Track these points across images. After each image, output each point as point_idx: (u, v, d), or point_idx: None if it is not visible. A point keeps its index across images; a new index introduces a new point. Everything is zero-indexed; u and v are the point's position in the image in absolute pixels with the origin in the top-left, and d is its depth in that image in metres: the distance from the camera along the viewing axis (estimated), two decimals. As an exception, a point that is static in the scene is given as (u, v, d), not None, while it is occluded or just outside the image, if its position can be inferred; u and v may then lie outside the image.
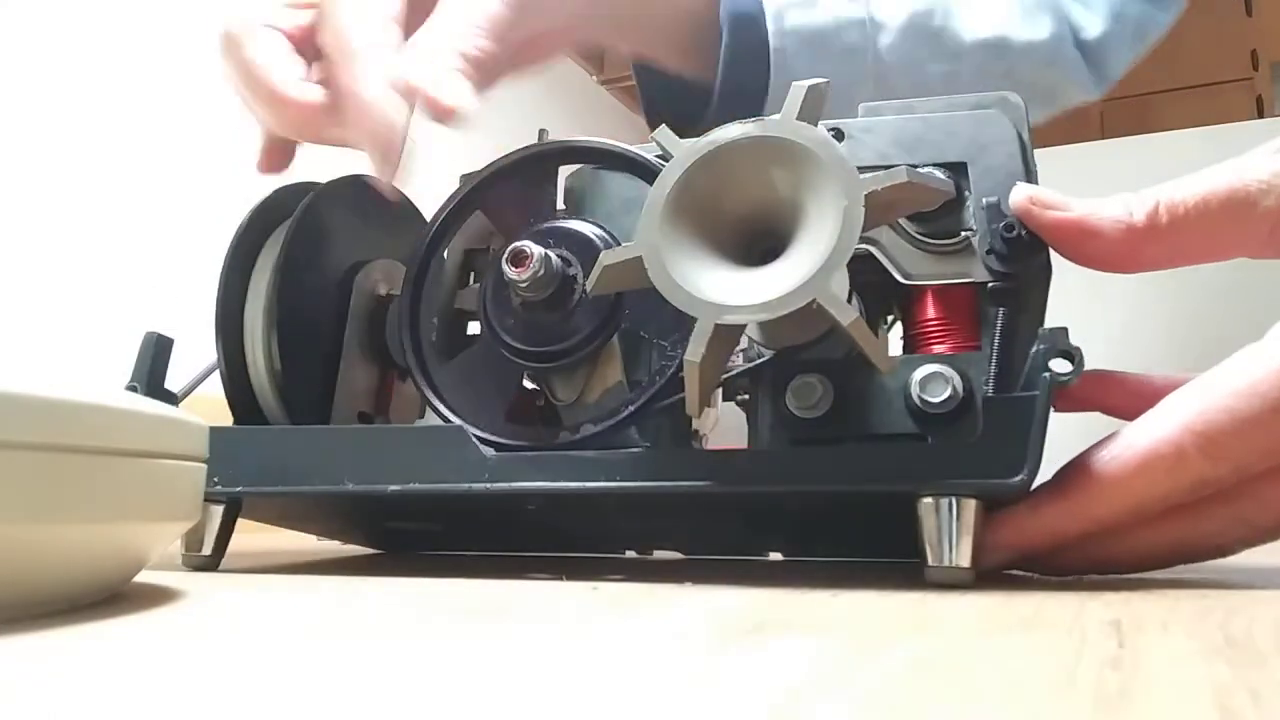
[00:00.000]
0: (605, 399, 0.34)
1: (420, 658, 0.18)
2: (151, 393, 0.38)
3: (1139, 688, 0.15)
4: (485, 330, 0.36)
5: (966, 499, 0.28)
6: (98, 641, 0.20)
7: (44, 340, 0.80)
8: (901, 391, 0.31)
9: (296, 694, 0.15)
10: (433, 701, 0.14)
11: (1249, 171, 0.29)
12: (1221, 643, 0.18)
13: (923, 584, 0.28)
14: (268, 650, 0.19)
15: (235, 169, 1.02)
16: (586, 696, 0.15)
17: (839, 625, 0.22)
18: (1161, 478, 0.27)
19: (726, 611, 0.24)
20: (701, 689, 0.15)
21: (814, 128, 0.29)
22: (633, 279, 0.30)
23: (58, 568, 0.23)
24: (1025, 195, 0.31)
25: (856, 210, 0.28)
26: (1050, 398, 0.28)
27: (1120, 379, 0.33)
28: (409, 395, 0.42)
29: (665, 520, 0.38)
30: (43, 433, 0.22)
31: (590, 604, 0.25)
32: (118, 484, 0.24)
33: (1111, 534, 0.29)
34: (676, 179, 0.30)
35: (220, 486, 0.35)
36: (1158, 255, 0.30)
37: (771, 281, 0.28)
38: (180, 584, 0.31)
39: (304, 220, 0.39)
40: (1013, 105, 0.34)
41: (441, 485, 0.33)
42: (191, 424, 0.27)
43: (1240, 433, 0.26)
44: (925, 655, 0.18)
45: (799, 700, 0.14)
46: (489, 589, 0.29)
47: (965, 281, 0.32)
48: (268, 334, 0.38)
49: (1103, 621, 0.21)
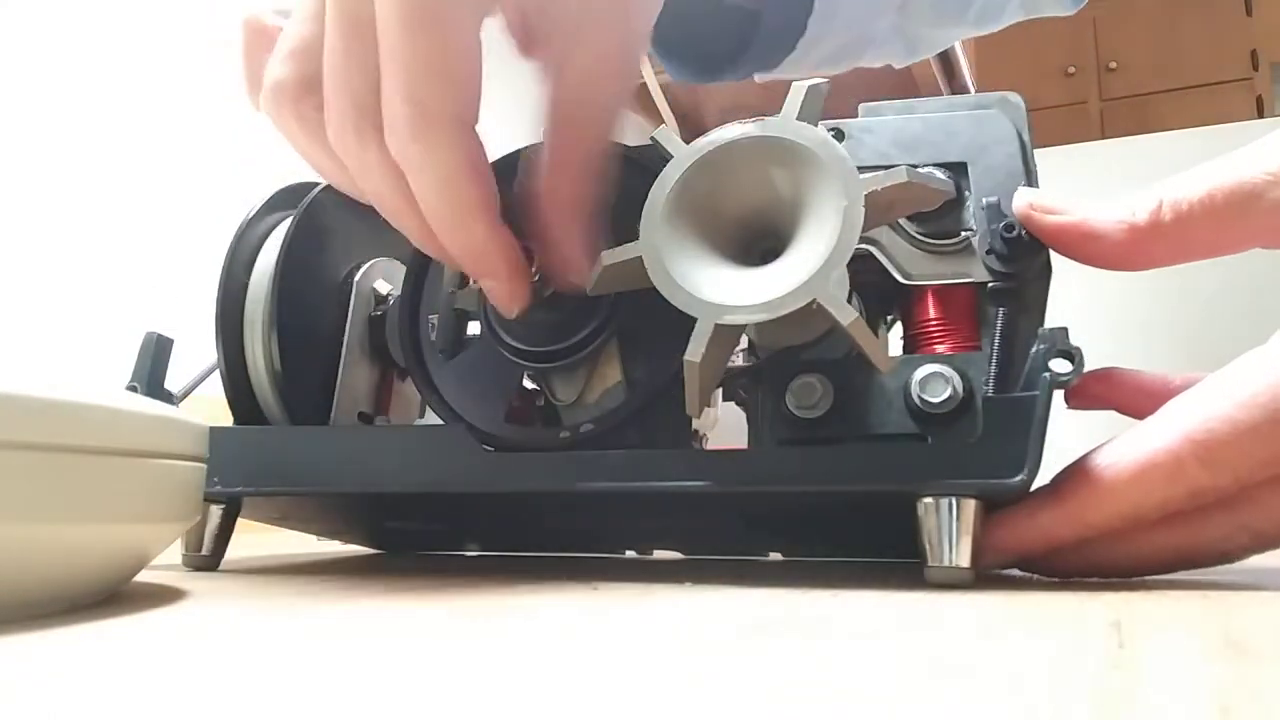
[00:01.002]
0: (605, 399, 0.34)
1: (420, 658, 0.18)
2: (151, 393, 0.38)
3: (1139, 688, 0.15)
4: (485, 330, 0.36)
5: (966, 499, 0.28)
6: (98, 641, 0.20)
7: (44, 340, 0.80)
8: (901, 391, 0.31)
9: (296, 694, 0.15)
10: (433, 702, 0.14)
11: (1254, 164, 0.29)
12: (1221, 643, 0.18)
13: (923, 584, 0.28)
14: (268, 650, 0.19)
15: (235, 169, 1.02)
16: (586, 696, 0.15)
17: (839, 625, 0.22)
18: (1158, 486, 0.27)
19: (726, 611, 0.24)
20: (701, 689, 0.15)
21: (814, 128, 0.29)
22: (633, 279, 0.30)
23: (58, 568, 0.23)
24: (1025, 201, 0.31)
25: (856, 210, 0.28)
26: (1050, 398, 0.28)
27: (1135, 378, 0.32)
28: (409, 395, 0.42)
29: (665, 520, 0.38)
30: (43, 433, 0.22)
31: (590, 604, 0.25)
32: (118, 484, 0.24)
33: (1110, 539, 0.29)
34: (676, 179, 0.30)
35: (220, 486, 0.35)
36: (1163, 252, 0.30)
37: (771, 281, 0.29)
38: (180, 584, 0.31)
39: (304, 220, 0.39)
40: (1013, 105, 0.34)
41: (441, 485, 0.33)
42: (191, 424, 0.27)
43: (1240, 443, 0.26)
44: (925, 655, 0.18)
45: (798, 700, 0.14)
46: (489, 589, 0.29)
47: (965, 281, 0.32)
48: (268, 334, 0.38)
49: (1103, 621, 0.21)
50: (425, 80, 0.29)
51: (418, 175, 0.30)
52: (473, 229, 0.31)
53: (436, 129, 0.29)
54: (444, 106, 0.29)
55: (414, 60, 0.29)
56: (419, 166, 0.30)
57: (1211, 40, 2.69)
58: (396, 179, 0.31)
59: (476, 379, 0.36)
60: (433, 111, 0.29)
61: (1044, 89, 2.70)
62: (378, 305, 0.41)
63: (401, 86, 0.29)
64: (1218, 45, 2.68)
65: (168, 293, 0.83)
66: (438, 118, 0.29)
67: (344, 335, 0.40)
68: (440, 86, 0.29)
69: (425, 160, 0.30)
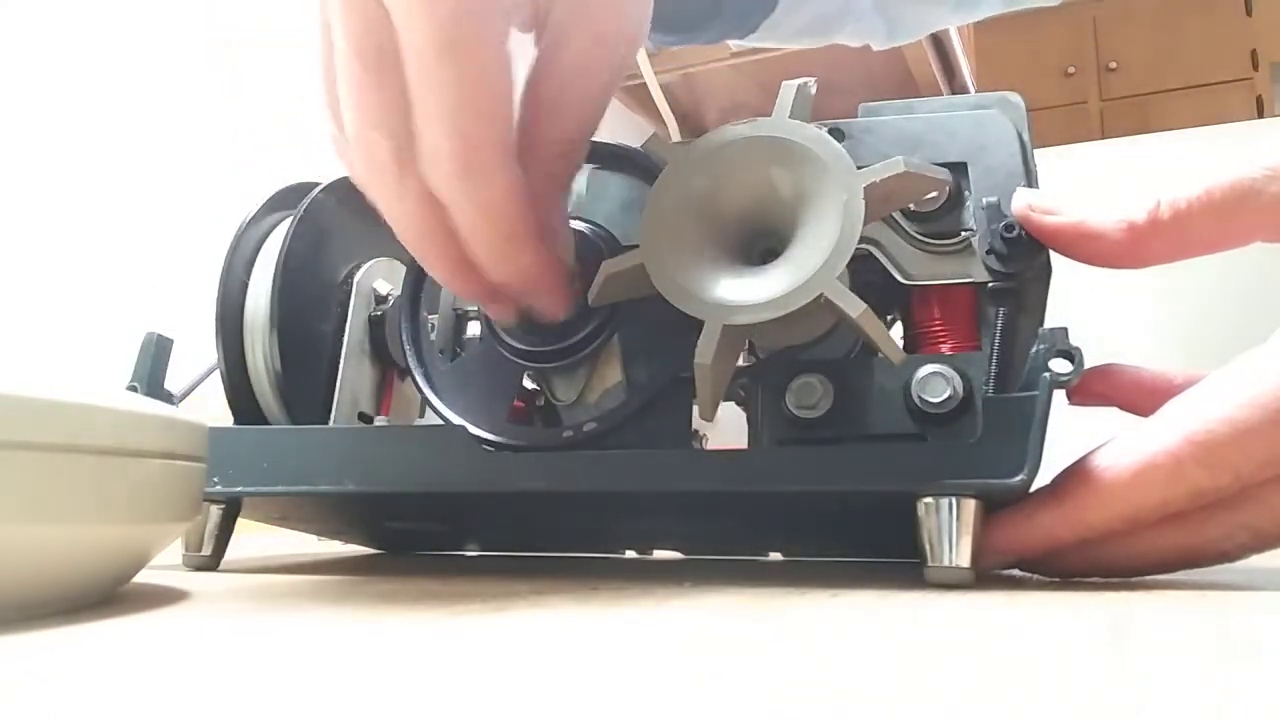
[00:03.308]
0: (605, 399, 0.34)
1: (420, 658, 0.18)
2: (151, 393, 0.38)
3: (1139, 688, 0.15)
4: (485, 330, 0.36)
5: (966, 499, 0.28)
6: (98, 641, 0.20)
7: (44, 340, 0.80)
8: (901, 391, 0.31)
9: (297, 694, 0.15)
10: (433, 702, 0.14)
11: (1251, 165, 0.29)
12: (1221, 643, 0.18)
13: (923, 584, 0.28)
14: (268, 650, 0.19)
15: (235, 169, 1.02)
16: (586, 697, 0.15)
17: (839, 625, 0.22)
18: (1158, 487, 0.27)
19: (726, 611, 0.24)
20: (702, 689, 0.15)
21: (808, 125, 0.29)
22: (637, 287, 0.30)
23: (58, 568, 0.23)
24: (1024, 202, 0.31)
25: (857, 203, 0.28)
26: (1050, 398, 0.28)
27: (1137, 376, 0.32)
28: (409, 395, 0.42)
29: (665, 520, 0.38)
30: (43, 433, 0.22)
31: (590, 604, 0.25)
32: (118, 484, 0.24)
33: (1110, 539, 0.29)
34: (675, 183, 0.30)
35: (220, 486, 0.35)
36: (1163, 249, 0.30)
37: (776, 280, 0.29)
38: (180, 584, 0.31)
39: (304, 220, 0.39)
40: (1013, 105, 0.34)
41: (442, 485, 0.33)
42: (191, 424, 0.27)
43: (1240, 444, 0.26)
44: (925, 655, 0.18)
45: (798, 700, 0.14)
46: (488, 589, 0.29)
47: (965, 281, 0.32)
48: (268, 334, 0.38)
49: (1103, 622, 0.21)
50: (468, 111, 0.27)
51: (463, 209, 0.28)
52: (520, 258, 0.30)
53: (481, 160, 0.27)
54: (489, 135, 0.27)
55: (452, 91, 0.27)
56: (464, 200, 0.28)
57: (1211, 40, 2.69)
58: (433, 210, 0.29)
59: (477, 379, 0.36)
60: (476, 143, 0.27)
61: (1044, 89, 2.70)
62: (378, 305, 0.41)
63: (442, 119, 0.27)
64: (1218, 45, 2.68)
65: (168, 293, 0.83)
66: (482, 149, 0.27)
67: (344, 335, 0.40)
68: (484, 116, 0.27)
69: (471, 193, 0.28)
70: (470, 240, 0.29)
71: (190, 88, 0.97)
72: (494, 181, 0.28)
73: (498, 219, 0.29)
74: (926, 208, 0.33)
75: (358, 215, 0.41)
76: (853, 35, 0.64)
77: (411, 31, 0.26)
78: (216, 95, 1.00)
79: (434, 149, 0.27)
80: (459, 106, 0.27)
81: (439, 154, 0.27)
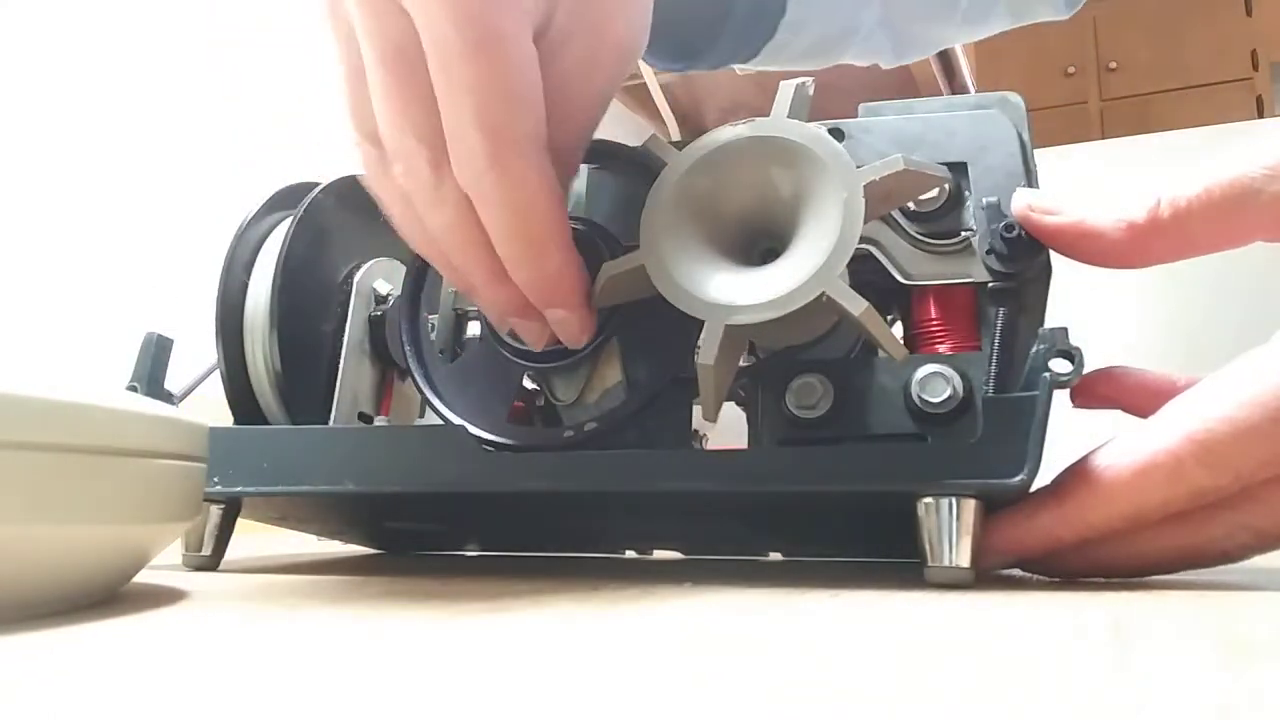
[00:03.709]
0: (605, 399, 0.34)
1: (419, 658, 0.18)
2: (151, 393, 0.38)
3: (1139, 689, 0.15)
4: (485, 330, 0.36)
5: (966, 499, 0.28)
6: (98, 641, 0.20)
7: (44, 340, 0.80)
8: (901, 391, 0.31)
9: (296, 694, 0.15)
10: (432, 702, 0.14)
11: (1250, 164, 0.29)
12: (1221, 643, 0.18)
13: (923, 584, 0.28)
14: (268, 650, 0.19)
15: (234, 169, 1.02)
16: (586, 697, 0.15)
17: (839, 625, 0.22)
18: (1158, 487, 0.27)
19: (726, 611, 0.24)
20: (702, 688, 0.15)
21: (807, 124, 0.30)
22: (638, 288, 0.30)
23: (58, 568, 0.23)
24: (1024, 202, 0.31)
25: (857, 201, 0.28)
26: (1050, 398, 0.28)
27: (1140, 378, 0.32)
28: (409, 395, 0.42)
29: (665, 520, 0.38)
30: (43, 433, 0.22)
31: (590, 604, 0.25)
32: (118, 484, 0.24)
33: (1111, 539, 0.29)
34: (674, 184, 0.30)
35: (220, 486, 0.35)
36: (1163, 249, 0.30)
37: (777, 279, 0.29)
38: (180, 584, 0.31)
39: (305, 220, 0.39)
40: (1013, 105, 0.34)
41: (441, 485, 0.33)
42: (191, 424, 0.27)
43: (1241, 443, 0.26)
44: (925, 655, 0.18)
45: (798, 700, 0.14)
46: (488, 589, 0.29)
47: (965, 281, 0.32)
48: (268, 334, 0.38)
49: (1103, 622, 0.21)
50: (498, 104, 0.27)
51: (494, 205, 0.28)
52: (549, 258, 0.30)
53: (513, 153, 0.27)
54: (520, 128, 0.28)
55: (481, 85, 0.27)
56: (495, 195, 0.28)
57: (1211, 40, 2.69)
58: (467, 212, 0.29)
59: (477, 379, 0.36)
60: (508, 136, 0.27)
61: (1044, 89, 2.70)
62: (378, 305, 0.41)
63: (473, 114, 0.27)
64: (1218, 45, 2.68)
65: (168, 293, 0.83)
66: (514, 141, 0.27)
67: (344, 335, 0.40)
68: (513, 108, 0.27)
69: (501, 188, 0.28)
70: (501, 240, 0.29)
71: (190, 88, 0.97)
72: (527, 176, 0.28)
73: (529, 215, 0.29)
74: (926, 208, 0.33)
75: (358, 215, 0.42)
76: (859, 55, 0.64)
77: (437, 31, 0.27)
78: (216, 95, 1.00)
79: (466, 147, 0.28)
80: (490, 100, 0.27)
81: (472, 151, 0.27)
